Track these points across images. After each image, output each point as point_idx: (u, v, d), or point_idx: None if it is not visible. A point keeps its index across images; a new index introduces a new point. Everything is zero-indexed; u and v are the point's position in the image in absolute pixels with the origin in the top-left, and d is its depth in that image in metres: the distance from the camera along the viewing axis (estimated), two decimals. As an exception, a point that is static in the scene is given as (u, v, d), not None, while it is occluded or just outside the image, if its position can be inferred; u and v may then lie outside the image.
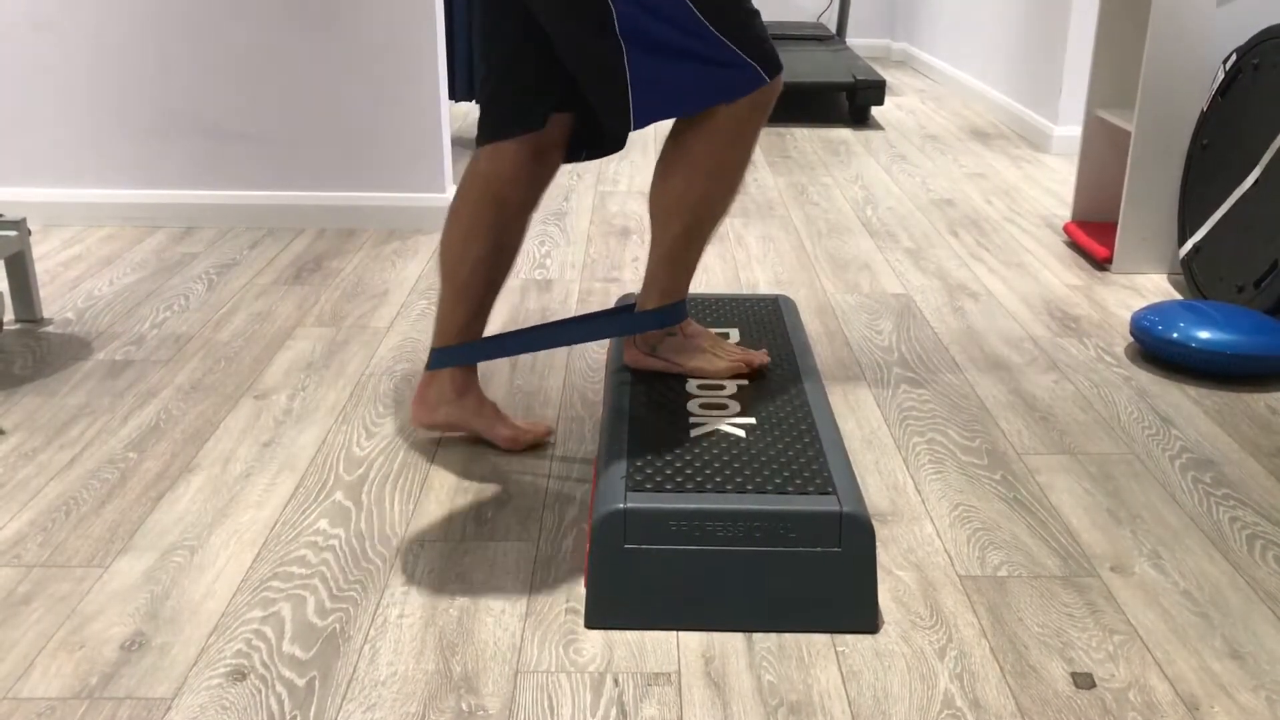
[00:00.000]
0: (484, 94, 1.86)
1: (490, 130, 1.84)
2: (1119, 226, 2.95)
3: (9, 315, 2.58)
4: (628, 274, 2.95)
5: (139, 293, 2.77)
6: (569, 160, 1.91)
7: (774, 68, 1.74)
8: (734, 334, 2.09)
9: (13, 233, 2.49)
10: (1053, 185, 3.88)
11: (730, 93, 1.71)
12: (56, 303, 2.69)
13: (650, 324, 1.91)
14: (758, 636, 1.52)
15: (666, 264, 1.87)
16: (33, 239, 3.15)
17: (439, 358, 1.95)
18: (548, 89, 1.81)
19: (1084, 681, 1.44)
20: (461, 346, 1.94)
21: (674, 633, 1.53)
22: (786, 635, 1.52)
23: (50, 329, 2.54)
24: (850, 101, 4.87)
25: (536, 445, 2.01)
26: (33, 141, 3.27)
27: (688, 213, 1.82)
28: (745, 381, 1.90)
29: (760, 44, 1.72)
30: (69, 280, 2.85)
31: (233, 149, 3.27)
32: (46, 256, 3.03)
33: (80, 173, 3.29)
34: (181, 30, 3.17)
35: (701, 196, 1.80)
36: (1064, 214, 3.52)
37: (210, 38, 3.18)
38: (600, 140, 1.91)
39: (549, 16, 1.72)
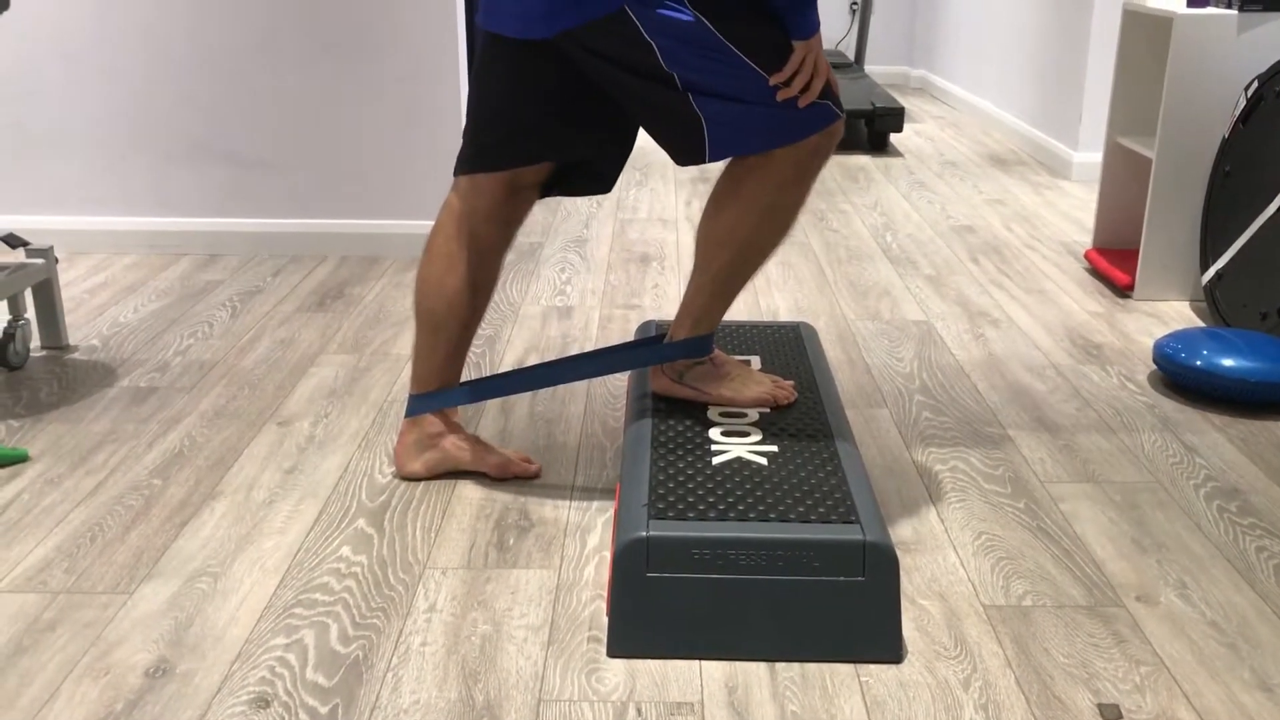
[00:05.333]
0: (471, 124, 1.85)
1: (470, 162, 1.84)
2: (1140, 253, 2.94)
3: (35, 342, 2.60)
4: (647, 300, 2.95)
5: (163, 320, 2.79)
6: (568, 194, 1.92)
7: (839, 108, 1.76)
8: (755, 361, 2.09)
9: (40, 261, 2.51)
10: (1073, 212, 3.88)
11: (798, 133, 1.73)
12: (82, 329, 2.72)
13: (677, 354, 1.91)
14: (781, 666, 1.51)
15: (706, 295, 1.88)
16: (59, 266, 3.18)
17: (417, 404, 1.95)
18: (536, 134, 1.81)
19: (1111, 713, 1.43)
20: (442, 392, 1.94)
21: (697, 662, 1.52)
22: (810, 665, 1.52)
23: (76, 356, 2.56)
24: (869, 128, 4.88)
25: (528, 476, 2.00)
26: (59, 170, 3.31)
27: (735, 248, 1.83)
28: (767, 409, 1.90)
29: (824, 89, 1.74)
30: (94, 307, 2.88)
31: (256, 177, 3.31)
32: (72, 284, 3.06)
33: (106, 201, 3.33)
34: (207, 60, 3.21)
35: (751, 234, 1.81)
36: (1085, 241, 3.51)
37: (235, 67, 3.21)
38: (577, 182, 1.91)
39: (611, 77, 1.73)
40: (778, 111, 1.71)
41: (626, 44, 1.66)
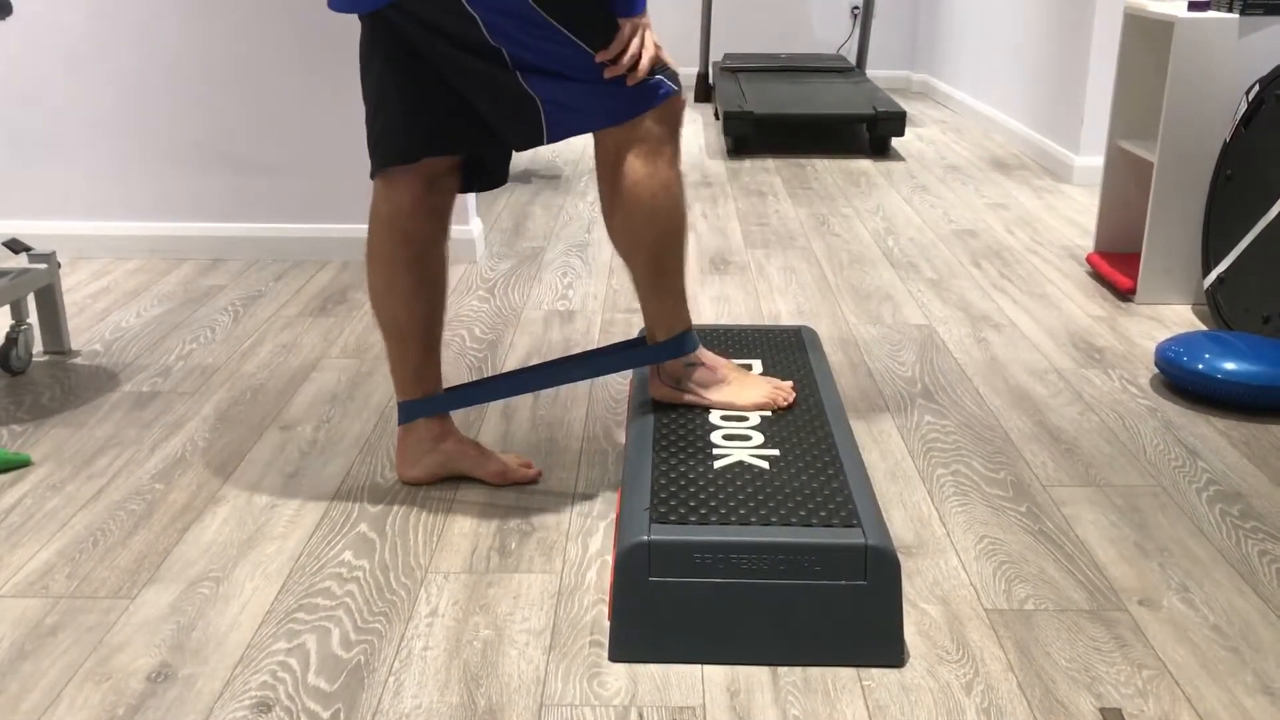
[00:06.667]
0: (368, 120, 1.85)
1: (380, 159, 1.84)
2: (1142, 257, 2.94)
3: (37, 347, 2.61)
4: (650, 305, 2.95)
5: (166, 324, 2.79)
6: (465, 190, 1.93)
7: (675, 81, 1.79)
8: (756, 365, 2.09)
9: (43, 266, 2.52)
10: (1075, 216, 3.88)
11: (631, 109, 1.75)
12: (84, 334, 2.72)
13: (662, 355, 1.92)
14: (783, 670, 1.51)
15: (654, 299, 1.90)
16: (62, 271, 3.18)
17: (406, 411, 1.95)
18: (421, 125, 1.80)
19: (1113, 717, 1.42)
20: (427, 398, 1.94)
21: (698, 666, 1.52)
22: (812, 669, 1.52)
23: (78, 361, 2.56)
24: (871, 133, 4.88)
25: (527, 482, 2.00)
26: (62, 175, 3.31)
27: (645, 247, 1.85)
28: (769, 412, 1.90)
29: (659, 65, 1.77)
30: (97, 312, 2.88)
31: (258, 182, 3.31)
32: (75, 289, 3.06)
33: (108, 206, 3.33)
34: (208, 66, 3.22)
35: (646, 224, 1.82)
36: (1086, 244, 3.51)
37: (237, 72, 3.22)
38: (479, 175, 1.93)
39: (445, 54, 1.73)
40: (609, 89, 1.73)
41: (450, 15, 1.67)
